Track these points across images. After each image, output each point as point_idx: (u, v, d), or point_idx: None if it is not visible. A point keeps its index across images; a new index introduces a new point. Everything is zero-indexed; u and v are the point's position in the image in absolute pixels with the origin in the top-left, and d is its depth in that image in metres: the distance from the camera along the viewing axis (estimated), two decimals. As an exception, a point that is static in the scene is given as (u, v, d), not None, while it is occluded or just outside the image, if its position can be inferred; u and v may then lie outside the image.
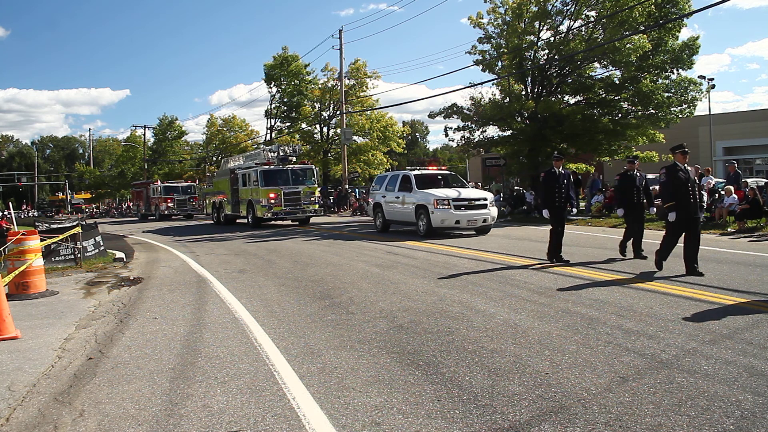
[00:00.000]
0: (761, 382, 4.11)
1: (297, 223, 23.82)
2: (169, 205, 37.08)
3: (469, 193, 16.23)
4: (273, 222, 23.79)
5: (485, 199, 15.91)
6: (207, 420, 3.81)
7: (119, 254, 14.08)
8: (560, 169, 10.45)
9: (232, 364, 4.96)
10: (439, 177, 17.63)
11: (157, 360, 5.19)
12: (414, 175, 17.04)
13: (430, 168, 18.82)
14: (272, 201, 22.11)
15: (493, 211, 16.00)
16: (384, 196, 18.03)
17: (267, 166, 23.13)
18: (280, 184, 22.48)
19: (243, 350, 5.39)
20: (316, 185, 23.83)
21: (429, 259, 11.33)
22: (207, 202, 30.74)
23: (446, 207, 15.25)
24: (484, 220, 15.63)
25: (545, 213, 10.42)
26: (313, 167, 24.65)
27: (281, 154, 24.00)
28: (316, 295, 7.95)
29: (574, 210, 11.12)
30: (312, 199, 23.06)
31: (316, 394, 4.18)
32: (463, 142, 26.28)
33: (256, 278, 9.76)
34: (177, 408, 4.04)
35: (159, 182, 40.83)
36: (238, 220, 26.00)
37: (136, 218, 41.97)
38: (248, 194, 23.44)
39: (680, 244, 8.59)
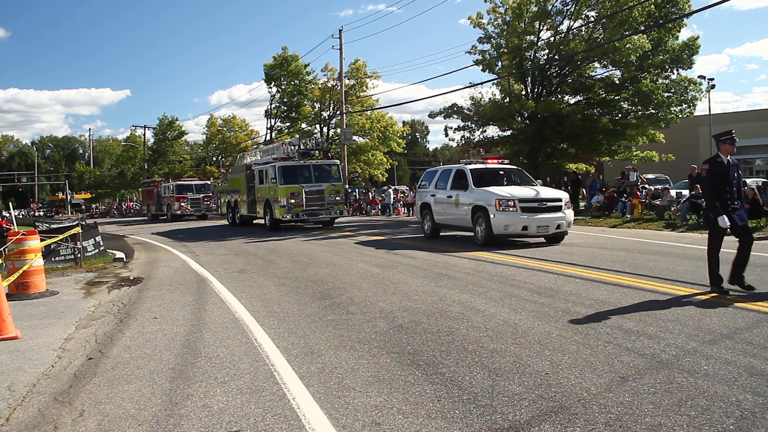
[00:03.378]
0: (761, 382, 4.10)
1: (320, 225, 21.89)
2: (182, 204, 35.00)
3: (540, 192, 13.46)
4: (294, 224, 21.74)
5: (560, 200, 13.05)
6: (207, 420, 3.81)
7: (119, 254, 14.07)
8: (728, 158, 7.22)
9: (232, 364, 4.96)
10: (501, 172, 14.81)
11: (157, 360, 5.19)
12: (470, 170, 14.22)
13: (489, 162, 15.81)
14: (292, 201, 19.87)
15: (569, 214, 13.14)
16: (434, 195, 15.24)
17: (286, 162, 20.78)
18: (301, 182, 20.19)
19: (243, 350, 5.39)
20: (342, 182, 21.66)
21: (429, 260, 11.32)
22: (222, 201, 28.56)
23: (511, 209, 12.49)
24: (558, 226, 12.77)
25: (723, 221, 6.92)
26: (338, 162, 22.30)
27: (302, 147, 21.48)
28: (316, 295, 7.95)
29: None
30: (337, 198, 20.75)
31: (316, 394, 4.18)
32: (463, 142, 26.32)
33: (256, 278, 9.76)
34: (177, 408, 4.04)
35: (171, 180, 39.43)
36: (255, 221, 24.10)
37: (146, 218, 40.63)
38: (266, 193, 21.25)
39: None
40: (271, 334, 5.94)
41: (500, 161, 16.06)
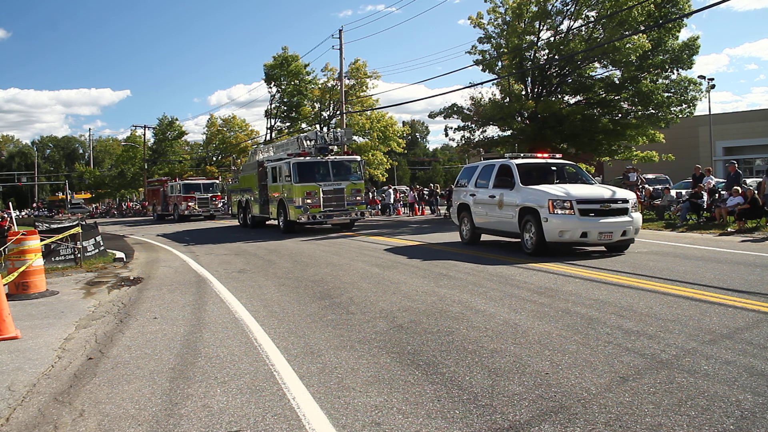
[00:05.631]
0: (761, 382, 4.10)
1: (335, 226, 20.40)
2: (190, 204, 33.66)
3: (602, 191, 11.51)
4: (311, 227, 20.34)
5: (626, 201, 11.01)
6: (207, 420, 3.81)
7: (119, 254, 14.07)
8: None
9: (232, 364, 4.96)
10: (553, 168, 12.74)
11: (157, 360, 5.19)
12: (516, 165, 12.20)
13: (538, 155, 13.46)
14: (308, 201, 18.28)
15: (637, 218, 11.14)
16: (473, 195, 13.37)
17: (302, 158, 18.97)
18: (318, 180, 18.57)
19: (243, 350, 5.39)
20: (363, 181, 19.97)
21: (429, 260, 11.31)
22: (232, 201, 27.00)
23: (567, 211, 10.60)
24: (624, 233, 10.80)
25: None
26: (360, 159, 20.36)
27: (320, 142, 19.60)
28: (316, 295, 7.95)
29: None
30: (358, 198, 19.15)
31: (316, 394, 4.18)
32: (463, 142, 26.29)
33: (256, 278, 9.76)
34: (177, 408, 4.04)
35: (178, 179, 38.63)
36: (268, 222, 22.65)
37: (151, 218, 40.03)
38: (279, 192, 19.64)
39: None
40: (271, 334, 5.94)
41: (551, 155, 13.62)
